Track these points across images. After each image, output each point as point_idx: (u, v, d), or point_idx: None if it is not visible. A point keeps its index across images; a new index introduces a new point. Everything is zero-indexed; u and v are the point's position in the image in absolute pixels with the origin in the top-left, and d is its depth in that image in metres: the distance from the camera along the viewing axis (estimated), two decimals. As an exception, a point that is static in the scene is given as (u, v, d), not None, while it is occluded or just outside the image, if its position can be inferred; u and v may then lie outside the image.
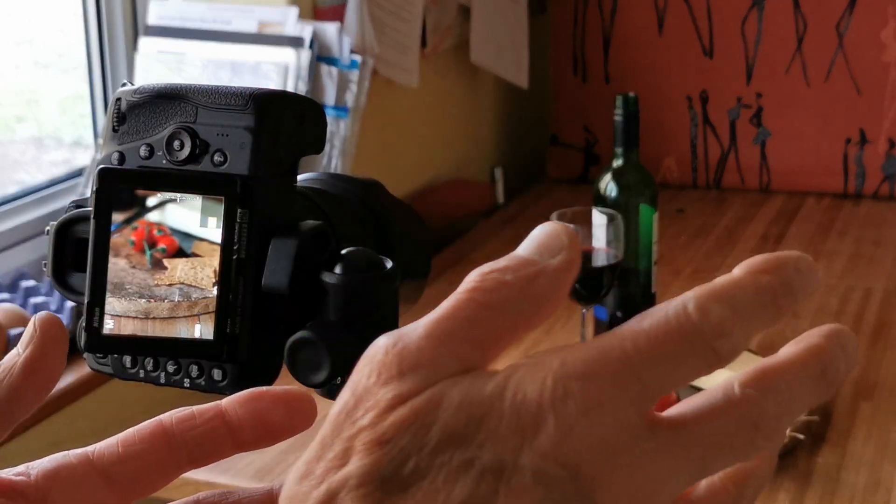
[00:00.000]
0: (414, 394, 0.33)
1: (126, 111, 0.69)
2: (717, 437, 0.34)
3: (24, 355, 0.44)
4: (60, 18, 2.23)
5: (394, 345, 0.34)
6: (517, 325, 0.35)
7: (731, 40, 2.78)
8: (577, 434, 0.32)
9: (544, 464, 0.31)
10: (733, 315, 0.34)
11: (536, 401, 0.32)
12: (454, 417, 0.32)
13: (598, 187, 1.77)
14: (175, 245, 0.67)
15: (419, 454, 0.32)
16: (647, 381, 0.34)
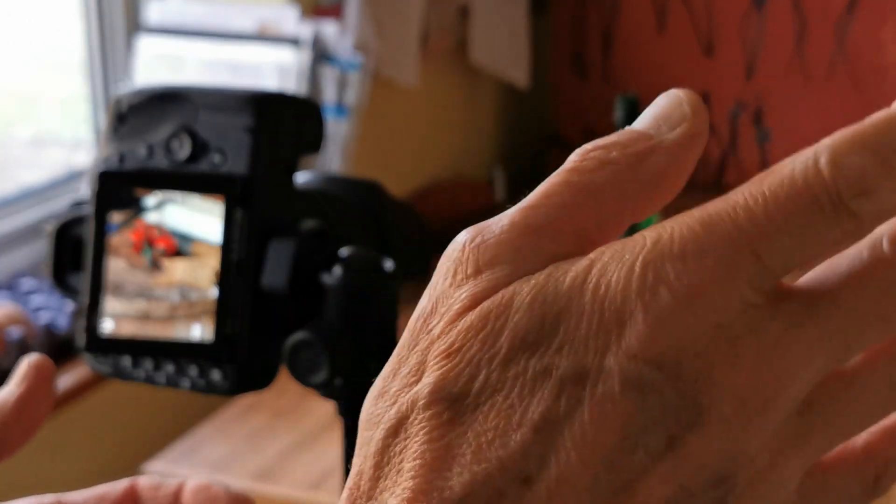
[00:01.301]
0: (490, 293, 0.28)
1: (126, 111, 0.69)
2: (864, 305, 0.27)
3: (17, 394, 0.44)
4: (60, 18, 2.23)
5: (472, 239, 0.30)
6: (624, 212, 0.29)
7: (731, 40, 2.78)
8: (674, 326, 0.27)
9: (634, 366, 0.27)
10: (877, 166, 0.27)
11: (622, 291, 0.27)
12: (526, 319, 0.27)
13: (598, 187, 1.77)
14: (174, 245, 0.67)
15: (490, 365, 0.28)
16: (766, 255, 0.27)
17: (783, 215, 0.27)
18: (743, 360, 0.27)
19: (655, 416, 0.27)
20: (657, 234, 0.28)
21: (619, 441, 0.27)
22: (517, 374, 0.27)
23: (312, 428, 1.66)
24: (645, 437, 0.27)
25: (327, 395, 0.70)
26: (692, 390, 0.27)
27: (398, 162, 2.49)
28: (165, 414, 1.86)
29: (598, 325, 0.27)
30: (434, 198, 2.59)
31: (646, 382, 0.27)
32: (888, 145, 0.27)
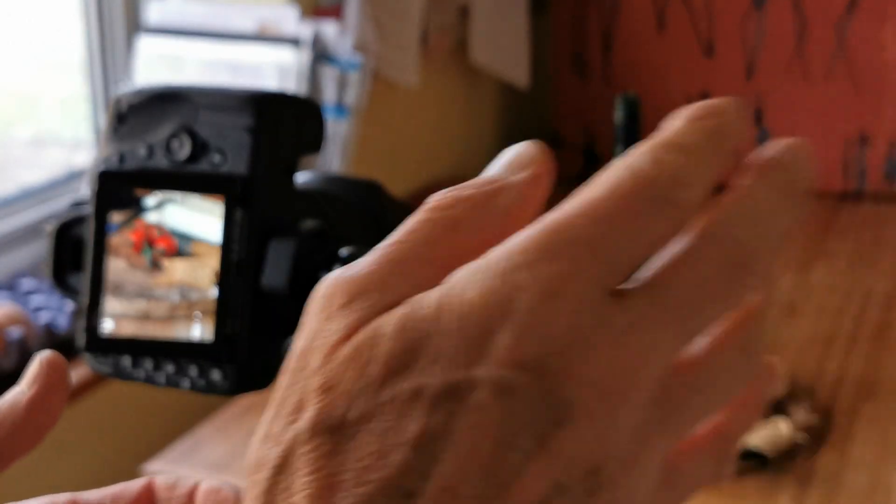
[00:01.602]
0: (361, 324, 0.30)
1: (126, 111, 0.69)
2: (693, 289, 0.30)
3: (30, 394, 0.43)
4: (60, 18, 2.23)
5: (341, 275, 0.32)
6: (480, 243, 0.31)
7: (731, 40, 2.78)
8: (534, 330, 0.28)
9: (503, 372, 0.28)
10: (689, 160, 0.30)
11: (482, 305, 0.29)
12: (392, 345, 0.29)
13: (598, 187, 1.77)
14: (174, 245, 0.67)
15: (365, 394, 0.29)
16: (608, 253, 0.29)
17: (616, 215, 0.30)
18: (598, 354, 0.29)
19: (525, 418, 0.28)
20: (506, 251, 0.30)
21: (494, 446, 0.28)
22: (391, 398, 0.29)
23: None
24: (517, 439, 0.28)
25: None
26: (556, 388, 0.28)
27: (398, 162, 2.49)
28: (165, 414, 1.86)
29: (463, 341, 0.29)
30: (434, 198, 2.59)
31: (514, 386, 0.28)
32: (691, 144, 0.30)
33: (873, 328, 1.99)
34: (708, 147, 0.31)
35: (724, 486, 1.50)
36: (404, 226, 0.33)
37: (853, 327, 2.00)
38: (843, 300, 2.12)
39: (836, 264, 2.30)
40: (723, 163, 0.31)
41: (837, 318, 2.03)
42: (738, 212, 0.31)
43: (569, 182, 1.99)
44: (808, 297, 2.13)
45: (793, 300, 2.12)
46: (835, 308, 2.08)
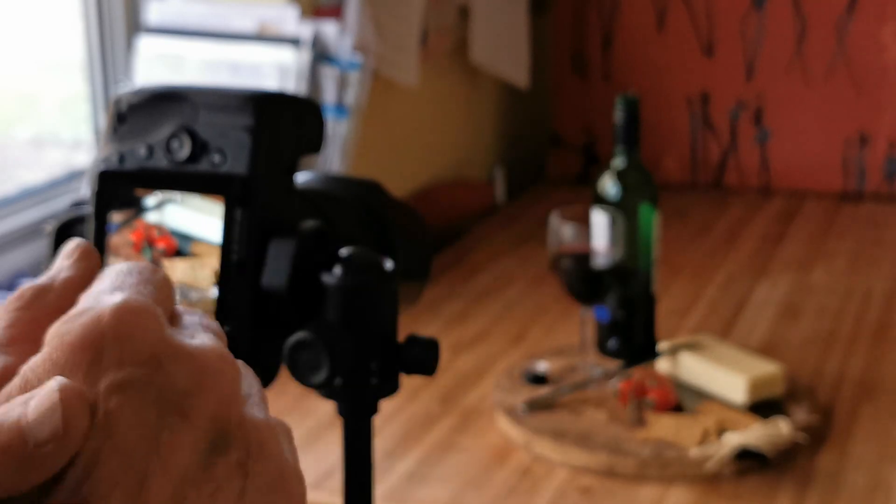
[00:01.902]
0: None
1: (126, 111, 0.69)
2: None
3: (66, 274, 0.42)
4: (60, 18, 2.23)
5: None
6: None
7: (731, 40, 2.78)
8: (126, 347, 0.37)
9: (121, 375, 0.36)
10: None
11: (80, 345, 0.36)
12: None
13: (598, 187, 1.77)
14: (174, 245, 0.67)
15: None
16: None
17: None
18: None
19: (159, 400, 0.36)
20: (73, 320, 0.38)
21: (141, 432, 0.36)
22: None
23: (312, 428, 1.66)
24: (162, 420, 0.36)
25: (327, 395, 0.70)
26: (168, 374, 0.37)
27: (398, 162, 2.49)
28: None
29: (84, 370, 0.36)
30: (434, 198, 2.59)
31: (134, 380, 0.36)
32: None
33: (873, 328, 1.99)
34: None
35: (723, 486, 1.50)
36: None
37: (853, 327, 2.00)
38: (843, 300, 2.12)
39: (836, 264, 2.30)
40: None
41: (837, 318, 2.03)
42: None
43: (569, 182, 2.00)
44: (807, 297, 2.13)
45: (793, 300, 2.12)
46: (835, 308, 2.08)
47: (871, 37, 2.70)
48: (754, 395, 1.63)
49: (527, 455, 1.59)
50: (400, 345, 0.69)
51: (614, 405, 1.65)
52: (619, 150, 1.77)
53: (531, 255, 2.32)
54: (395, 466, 1.56)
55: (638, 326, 1.81)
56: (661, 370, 1.72)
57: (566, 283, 1.71)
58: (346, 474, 0.71)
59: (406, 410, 1.71)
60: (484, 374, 1.83)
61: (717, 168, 2.82)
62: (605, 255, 1.69)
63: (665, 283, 2.13)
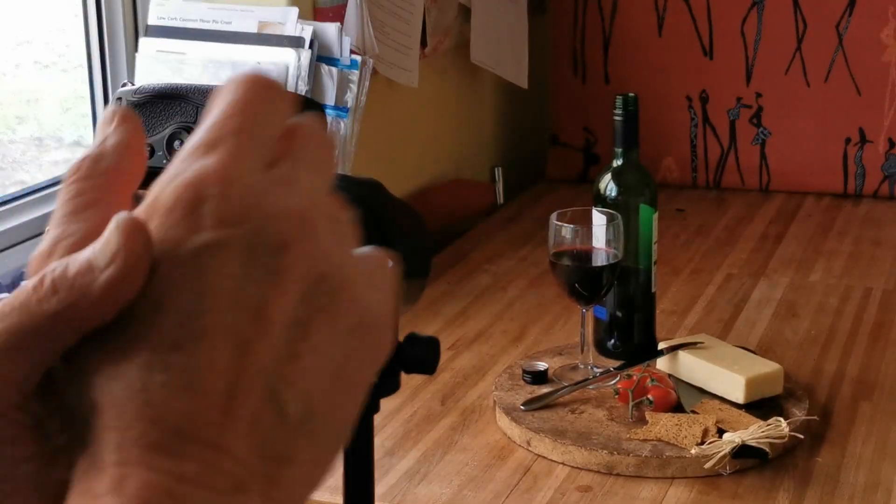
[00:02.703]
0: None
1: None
2: (310, 154, 0.42)
3: (115, 139, 0.43)
4: (60, 18, 2.23)
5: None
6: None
7: (731, 40, 2.78)
8: (228, 196, 0.38)
9: (213, 233, 0.38)
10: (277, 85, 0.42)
11: (183, 193, 0.39)
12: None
13: (598, 187, 1.77)
14: (175, 245, 0.67)
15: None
16: (257, 135, 0.40)
17: (252, 110, 0.41)
18: (280, 198, 0.39)
19: (247, 258, 0.38)
20: (184, 149, 0.41)
21: (233, 286, 0.37)
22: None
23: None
24: (249, 274, 0.37)
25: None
26: (264, 229, 0.38)
27: (398, 162, 2.49)
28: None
29: (177, 219, 0.38)
30: (434, 198, 2.59)
31: (226, 239, 0.38)
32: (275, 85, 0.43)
33: (872, 328, 2.00)
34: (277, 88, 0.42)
35: (722, 485, 1.50)
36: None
37: (852, 327, 2.00)
38: (841, 300, 2.12)
39: (835, 264, 2.31)
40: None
41: (836, 318, 2.04)
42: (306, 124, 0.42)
43: (569, 182, 2.00)
44: (806, 297, 2.13)
45: (792, 300, 2.12)
46: (833, 308, 2.08)
47: (871, 37, 2.70)
48: (753, 395, 1.63)
49: (527, 454, 1.59)
50: (400, 344, 0.69)
51: (614, 405, 1.65)
52: (618, 150, 1.77)
53: (531, 255, 2.33)
54: (396, 465, 1.56)
55: (638, 326, 1.81)
56: (660, 370, 1.72)
57: (566, 283, 1.71)
58: (346, 473, 0.71)
59: (406, 409, 1.71)
60: (484, 373, 1.84)
61: (717, 168, 2.82)
62: (605, 255, 1.70)
63: (665, 283, 2.14)
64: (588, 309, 1.73)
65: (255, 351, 0.37)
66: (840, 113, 2.74)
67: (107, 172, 0.42)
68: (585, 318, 1.74)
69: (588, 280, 1.70)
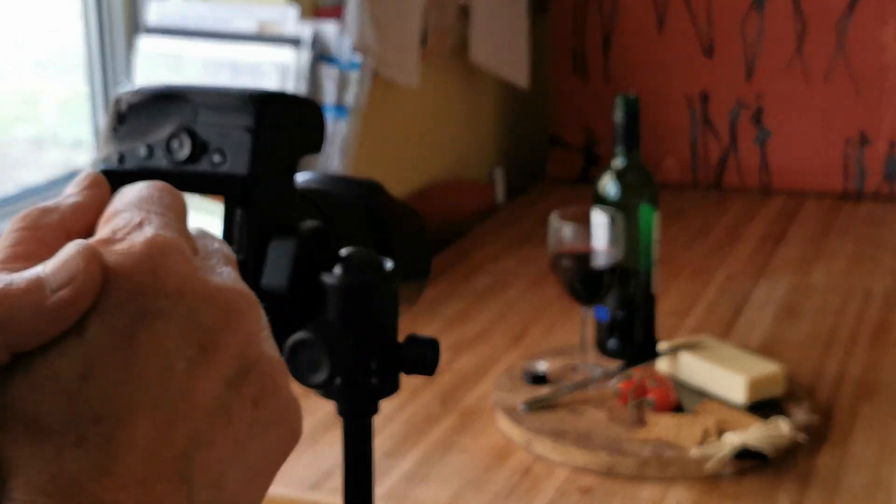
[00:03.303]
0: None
1: (126, 111, 0.69)
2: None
3: (74, 199, 0.44)
4: (60, 19, 2.23)
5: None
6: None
7: (731, 40, 2.78)
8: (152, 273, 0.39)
9: (147, 303, 0.37)
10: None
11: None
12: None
13: (598, 187, 1.77)
14: (174, 245, 0.67)
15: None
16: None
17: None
18: (200, 282, 0.40)
19: (178, 333, 0.37)
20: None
21: (161, 363, 0.36)
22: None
23: (312, 428, 1.66)
24: (179, 352, 0.37)
25: (327, 395, 0.70)
26: (196, 307, 0.38)
27: (398, 162, 2.49)
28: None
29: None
30: (434, 198, 2.59)
31: (159, 310, 0.37)
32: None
33: (873, 328, 1.99)
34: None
35: (723, 486, 1.50)
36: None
37: (853, 327, 2.00)
38: (842, 300, 2.12)
39: (836, 264, 2.30)
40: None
41: (837, 318, 2.03)
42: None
43: (569, 182, 2.00)
44: (807, 298, 2.13)
45: (793, 300, 2.12)
46: (835, 308, 2.08)
47: (871, 37, 2.70)
48: (754, 395, 1.63)
49: (527, 455, 1.59)
50: (400, 344, 0.69)
51: (614, 405, 1.65)
52: (618, 150, 1.77)
53: (531, 255, 2.32)
54: (395, 466, 1.56)
55: (638, 326, 1.81)
56: (661, 370, 1.72)
57: (566, 283, 1.71)
58: (346, 474, 0.71)
59: (406, 410, 1.71)
60: (484, 374, 1.83)
61: (717, 168, 2.82)
62: (605, 255, 1.70)
63: (665, 283, 2.13)
64: (588, 309, 1.73)
65: (177, 432, 0.36)
66: (840, 113, 2.74)
67: (50, 227, 0.42)
68: (586, 319, 1.73)
69: (588, 280, 1.70)
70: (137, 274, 0.37)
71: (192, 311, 0.37)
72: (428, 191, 2.59)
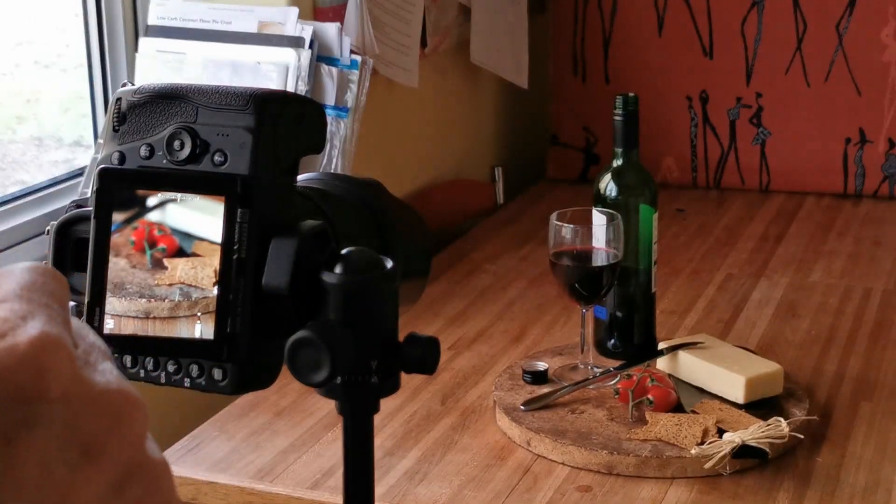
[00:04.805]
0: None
1: (126, 111, 0.69)
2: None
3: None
4: (60, 18, 2.23)
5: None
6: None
7: (731, 40, 2.78)
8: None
9: (29, 407, 0.36)
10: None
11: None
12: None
13: (598, 187, 1.77)
14: (175, 245, 0.67)
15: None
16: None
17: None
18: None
19: (61, 438, 0.36)
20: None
21: (41, 468, 0.36)
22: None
23: (313, 427, 1.66)
24: (62, 455, 0.36)
25: (328, 394, 0.71)
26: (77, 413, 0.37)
27: (398, 162, 2.49)
28: (165, 413, 1.86)
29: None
30: (434, 198, 2.59)
31: (41, 415, 0.36)
32: None
33: (872, 328, 1.99)
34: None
35: (723, 485, 1.50)
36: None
37: (852, 327, 2.00)
38: (841, 300, 2.12)
39: (836, 264, 2.31)
40: None
41: (836, 318, 2.03)
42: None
43: (569, 182, 2.00)
44: (807, 297, 2.13)
45: (792, 300, 2.12)
46: (833, 307, 2.08)
47: (871, 37, 2.70)
48: (753, 395, 1.63)
49: (527, 454, 1.59)
50: (400, 344, 0.69)
51: (614, 405, 1.65)
52: (618, 150, 1.77)
53: (531, 255, 2.33)
54: (396, 465, 1.56)
55: (637, 326, 1.81)
56: (660, 370, 1.72)
57: (566, 283, 1.71)
58: (347, 473, 0.71)
59: (406, 409, 1.71)
60: (484, 373, 1.84)
61: (717, 168, 2.82)
62: (605, 255, 1.70)
63: (665, 283, 2.14)
64: (588, 309, 1.73)
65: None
66: (840, 113, 2.74)
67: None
68: (585, 318, 1.74)
69: (588, 280, 1.70)
70: (20, 376, 0.36)
71: (75, 415, 0.37)
72: (428, 191, 2.59)
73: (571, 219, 1.71)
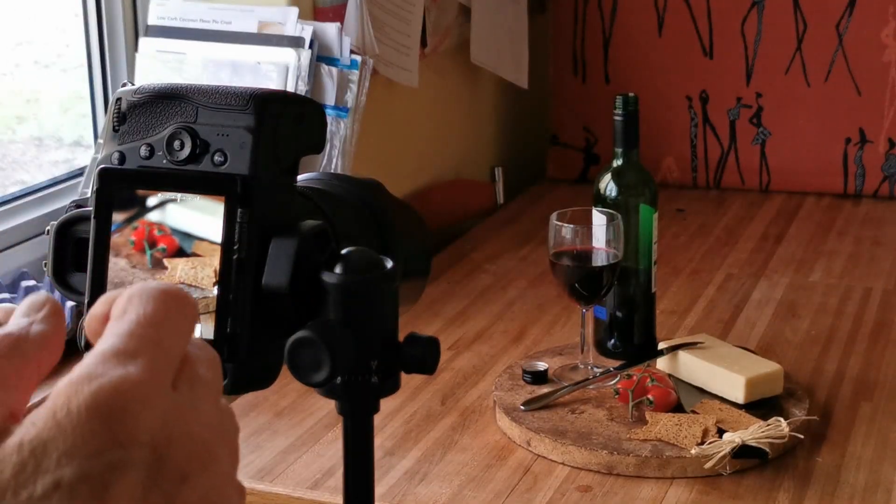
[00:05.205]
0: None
1: (126, 111, 0.69)
2: (202, 375, 0.43)
3: (40, 328, 0.44)
4: (60, 18, 2.23)
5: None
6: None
7: (731, 40, 2.78)
8: (137, 420, 0.38)
9: (121, 453, 0.37)
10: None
11: (91, 409, 0.37)
12: (17, 457, 0.37)
13: (598, 187, 1.77)
14: (175, 245, 0.67)
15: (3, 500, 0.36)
16: (169, 351, 0.41)
17: (167, 322, 0.43)
18: (187, 426, 0.40)
19: (148, 482, 0.38)
20: (92, 357, 0.40)
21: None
22: (27, 498, 0.36)
23: (313, 427, 1.66)
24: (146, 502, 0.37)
25: (328, 394, 0.71)
26: (168, 456, 0.38)
27: (398, 162, 2.49)
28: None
29: (85, 437, 0.37)
30: (434, 198, 2.59)
31: (131, 461, 0.37)
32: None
33: (872, 328, 2.00)
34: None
35: (723, 485, 1.50)
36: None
37: (852, 327, 2.00)
38: (841, 300, 2.12)
39: (835, 264, 2.31)
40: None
41: (836, 318, 2.04)
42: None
43: (569, 182, 2.01)
44: (807, 297, 2.13)
45: (792, 300, 2.12)
46: (834, 308, 2.08)
47: (871, 37, 2.70)
48: (753, 395, 1.63)
49: (527, 454, 1.59)
50: (400, 344, 0.69)
51: (614, 405, 1.65)
52: (618, 150, 1.77)
53: (531, 255, 2.33)
54: (396, 465, 1.56)
55: (637, 326, 1.81)
56: (660, 370, 1.72)
57: (566, 283, 1.71)
58: (347, 473, 0.71)
59: (406, 409, 1.71)
60: (484, 373, 1.84)
61: (717, 168, 2.82)
62: (605, 255, 1.70)
63: (665, 283, 2.14)
64: (588, 309, 1.73)
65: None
66: (840, 113, 2.74)
67: (26, 358, 0.42)
68: (585, 319, 1.74)
69: (588, 280, 1.70)
70: (113, 419, 0.37)
71: (161, 458, 0.38)
72: (428, 191, 2.59)
73: (571, 219, 1.71)
